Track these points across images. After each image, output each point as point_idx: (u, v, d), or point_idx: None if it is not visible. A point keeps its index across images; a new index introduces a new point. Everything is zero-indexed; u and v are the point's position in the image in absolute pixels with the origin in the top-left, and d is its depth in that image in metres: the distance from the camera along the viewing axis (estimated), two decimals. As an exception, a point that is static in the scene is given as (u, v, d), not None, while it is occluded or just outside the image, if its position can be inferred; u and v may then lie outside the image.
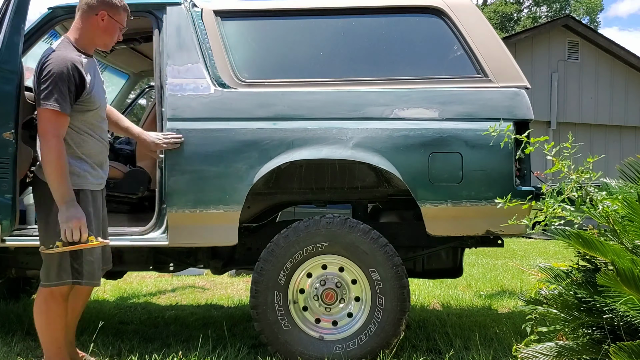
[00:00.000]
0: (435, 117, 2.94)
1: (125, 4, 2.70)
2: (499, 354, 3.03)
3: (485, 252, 8.45)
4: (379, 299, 2.88)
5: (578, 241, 2.25)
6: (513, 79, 3.00)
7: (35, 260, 3.42)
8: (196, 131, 2.95)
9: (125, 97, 4.77)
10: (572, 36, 14.13)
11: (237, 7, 3.23)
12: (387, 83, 3.03)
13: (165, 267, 3.43)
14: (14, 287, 4.57)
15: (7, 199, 2.84)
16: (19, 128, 2.83)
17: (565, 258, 6.24)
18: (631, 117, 14.58)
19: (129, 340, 3.39)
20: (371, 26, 3.23)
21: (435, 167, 2.88)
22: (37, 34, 3.23)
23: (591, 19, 32.93)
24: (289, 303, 2.94)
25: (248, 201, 2.97)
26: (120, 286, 5.47)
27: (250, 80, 3.06)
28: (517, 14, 33.04)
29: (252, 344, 3.29)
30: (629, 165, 2.56)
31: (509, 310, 4.36)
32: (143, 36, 3.94)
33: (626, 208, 2.16)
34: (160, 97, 3.08)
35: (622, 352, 1.98)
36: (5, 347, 3.17)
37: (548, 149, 2.45)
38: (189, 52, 3.07)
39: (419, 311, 4.33)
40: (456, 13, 3.07)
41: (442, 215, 2.91)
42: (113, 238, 2.98)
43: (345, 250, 2.91)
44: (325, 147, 2.92)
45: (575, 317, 2.43)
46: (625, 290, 2.01)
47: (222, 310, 4.46)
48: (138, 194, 3.40)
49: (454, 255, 3.47)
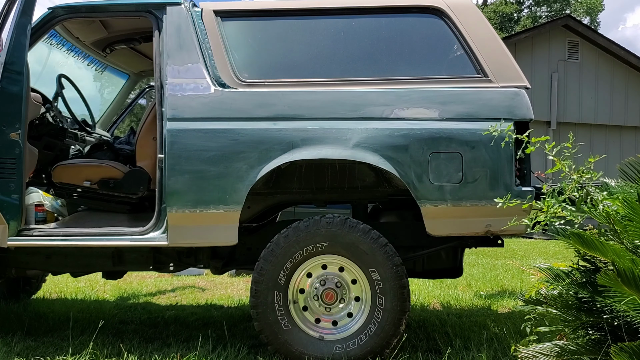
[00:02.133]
0: (436, 117, 2.94)
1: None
2: (499, 354, 3.02)
3: (485, 252, 8.45)
4: (379, 299, 2.88)
5: (578, 241, 2.25)
6: (513, 79, 3.00)
7: (35, 260, 3.43)
8: (196, 131, 2.95)
9: (125, 97, 4.77)
10: (572, 36, 14.12)
11: (237, 7, 3.23)
12: (387, 83, 3.03)
13: (165, 267, 3.43)
14: (14, 287, 4.58)
15: (14, 199, 2.84)
16: (26, 129, 2.83)
17: (565, 258, 6.25)
18: (631, 117, 14.57)
19: (129, 340, 3.39)
20: (371, 26, 3.23)
21: (435, 167, 2.88)
22: (37, 34, 3.23)
23: (591, 19, 32.93)
24: (289, 303, 2.94)
25: (248, 201, 2.97)
26: (120, 286, 5.48)
27: (250, 80, 3.06)
28: (517, 14, 33.03)
29: (252, 344, 3.29)
30: (629, 165, 2.56)
31: (509, 310, 4.36)
32: (143, 36, 3.95)
33: (626, 208, 2.16)
34: (160, 97, 3.08)
35: (622, 353, 1.98)
36: (5, 347, 3.17)
37: (549, 149, 2.45)
38: (189, 52, 3.07)
39: (419, 311, 4.33)
40: (456, 13, 3.07)
41: (442, 215, 2.91)
42: (113, 238, 2.98)
43: (345, 250, 2.91)
44: (325, 147, 2.91)
45: (576, 317, 2.43)
46: (625, 290, 2.01)
47: (222, 310, 4.46)
48: (138, 194, 3.40)
49: (454, 255, 3.47)
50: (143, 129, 3.37)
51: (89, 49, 4.05)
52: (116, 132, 4.85)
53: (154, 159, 3.26)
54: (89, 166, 3.45)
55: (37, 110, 2.87)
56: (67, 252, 3.37)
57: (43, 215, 3.46)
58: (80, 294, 5.06)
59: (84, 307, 4.46)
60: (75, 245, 3.12)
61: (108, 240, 3.05)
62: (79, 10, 3.28)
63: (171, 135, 2.95)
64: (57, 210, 3.63)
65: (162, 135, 3.00)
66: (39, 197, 3.50)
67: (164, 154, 2.97)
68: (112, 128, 4.75)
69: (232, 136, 2.94)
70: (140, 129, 3.40)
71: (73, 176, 3.40)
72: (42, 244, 3.11)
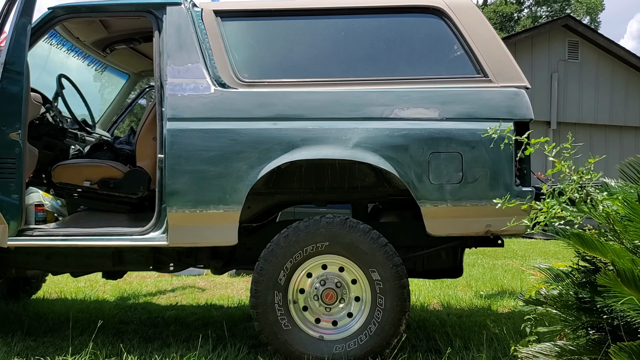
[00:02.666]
0: (436, 117, 2.94)
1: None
2: (499, 354, 3.02)
3: (485, 252, 8.45)
4: (379, 299, 2.88)
5: (578, 241, 2.25)
6: (513, 79, 3.00)
7: (35, 260, 3.43)
8: (196, 131, 2.95)
9: (125, 97, 4.77)
10: (572, 36, 14.12)
11: (237, 7, 3.23)
12: (387, 83, 3.03)
13: (165, 267, 3.43)
14: (14, 287, 4.58)
15: (14, 199, 2.84)
16: (26, 129, 2.83)
17: (565, 258, 6.25)
18: (631, 117, 14.57)
19: (129, 340, 3.39)
20: (371, 26, 3.23)
21: (435, 167, 2.88)
22: (37, 34, 3.23)
23: (591, 19, 32.93)
24: (289, 303, 2.94)
25: (248, 201, 2.97)
26: (120, 286, 5.48)
27: (250, 80, 3.06)
28: (517, 14, 33.03)
29: (252, 344, 3.29)
30: (629, 165, 2.56)
31: (509, 310, 4.36)
32: (143, 36, 3.95)
33: (626, 208, 2.16)
34: (160, 97, 3.08)
35: (622, 353, 1.98)
36: (5, 347, 3.17)
37: (549, 150, 2.45)
38: (189, 52, 3.07)
39: (419, 311, 4.33)
40: (456, 13, 3.07)
41: (442, 215, 2.91)
42: (113, 238, 2.98)
43: (345, 250, 2.91)
44: (325, 147, 2.91)
45: (575, 318, 2.43)
46: (625, 290, 2.01)
47: (222, 310, 4.46)
48: (138, 194, 3.40)
49: (454, 255, 3.47)
50: (143, 129, 3.37)
51: (89, 49, 4.05)
52: (116, 132, 4.85)
53: (154, 159, 3.26)
54: (89, 166, 3.45)
55: (37, 110, 2.87)
56: (67, 252, 3.37)
57: (43, 215, 3.46)
58: (80, 294, 5.06)
59: (84, 307, 4.46)
60: (75, 245, 3.12)
61: (108, 240, 3.05)
62: (79, 10, 3.28)
63: (171, 135, 2.95)
64: (57, 210, 3.63)
65: (162, 135, 3.00)
66: (39, 197, 3.50)
67: (164, 154, 2.97)
68: (112, 128, 4.75)
69: (232, 136, 2.94)
70: (140, 129, 3.40)
71: (73, 176, 3.40)
72: (42, 244, 3.11)
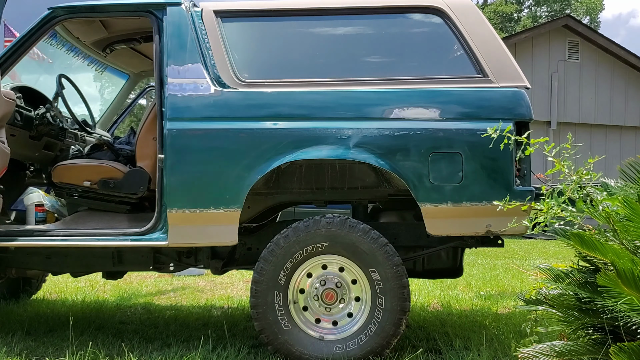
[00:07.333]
0: (436, 117, 2.94)
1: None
2: (499, 354, 3.03)
3: (485, 252, 8.45)
4: (379, 299, 2.88)
5: (578, 241, 2.25)
6: (513, 79, 3.00)
7: (35, 260, 3.43)
8: (196, 131, 2.95)
9: (125, 97, 4.77)
10: (572, 36, 14.13)
11: (237, 8, 3.23)
12: (387, 83, 3.03)
13: (165, 267, 3.43)
14: (14, 287, 4.58)
15: None
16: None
17: (565, 258, 6.25)
18: (631, 117, 14.58)
19: (129, 340, 3.39)
20: (371, 26, 3.23)
21: (435, 167, 2.88)
22: (37, 34, 3.23)
23: (591, 19, 32.93)
24: (289, 303, 2.94)
25: (248, 201, 2.97)
26: (120, 286, 5.48)
27: (250, 80, 3.06)
28: (517, 14, 33.03)
29: (252, 344, 3.29)
30: (629, 165, 2.56)
31: (509, 311, 4.36)
32: (143, 36, 3.95)
33: (626, 208, 2.16)
34: (160, 97, 3.08)
35: (622, 353, 1.98)
36: (5, 347, 3.17)
37: (548, 150, 2.45)
38: (189, 52, 3.07)
39: (419, 311, 4.33)
40: (456, 13, 3.07)
41: (442, 215, 2.91)
42: (113, 238, 2.98)
43: (346, 250, 2.91)
44: (325, 147, 2.91)
45: (576, 318, 2.43)
46: (625, 290, 2.01)
47: (222, 310, 4.46)
48: (138, 194, 3.40)
49: (454, 255, 3.48)
50: (143, 129, 3.37)
51: (89, 49, 4.04)
52: (116, 132, 4.85)
53: (154, 159, 3.26)
54: (89, 166, 3.45)
55: (9, 108, 2.78)
56: (67, 252, 3.38)
57: (43, 215, 3.46)
58: (80, 294, 5.06)
59: (84, 307, 4.46)
60: (76, 245, 3.12)
61: (108, 241, 3.05)
62: (79, 10, 3.28)
63: (171, 135, 2.95)
64: (57, 210, 3.63)
65: (162, 135, 3.00)
66: (39, 197, 3.50)
67: (164, 154, 2.97)
68: (112, 128, 4.75)
69: (232, 136, 2.94)
70: (140, 129, 3.40)
71: (73, 176, 3.40)
72: (42, 244, 3.11)
